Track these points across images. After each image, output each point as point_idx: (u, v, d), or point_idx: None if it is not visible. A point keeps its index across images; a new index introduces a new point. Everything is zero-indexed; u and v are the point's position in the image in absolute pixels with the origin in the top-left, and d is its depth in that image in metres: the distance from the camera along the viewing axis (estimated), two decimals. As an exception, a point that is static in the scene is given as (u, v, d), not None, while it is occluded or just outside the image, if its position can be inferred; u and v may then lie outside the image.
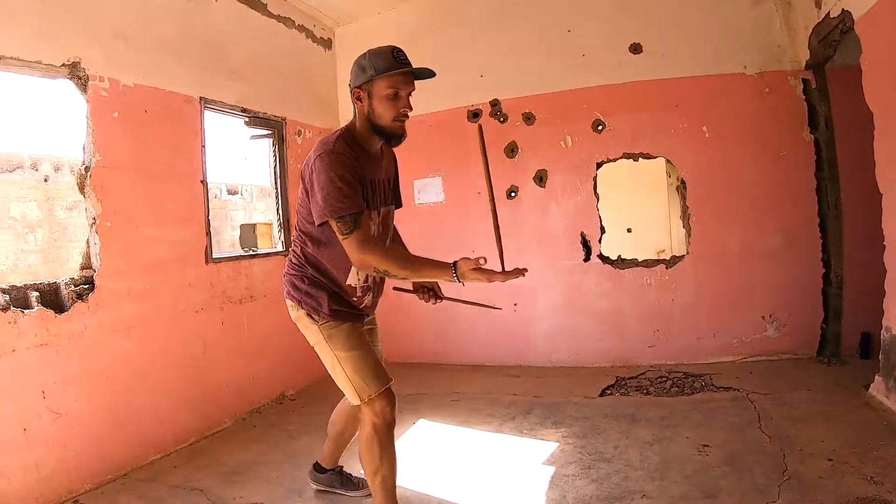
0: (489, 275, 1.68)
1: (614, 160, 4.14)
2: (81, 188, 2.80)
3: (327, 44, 4.92)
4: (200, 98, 3.46)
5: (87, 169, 2.79)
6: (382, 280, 2.08)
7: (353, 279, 1.96)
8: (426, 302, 2.14)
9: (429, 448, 3.00)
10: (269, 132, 4.27)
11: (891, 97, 2.79)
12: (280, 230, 4.33)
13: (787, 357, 3.80)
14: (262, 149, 4.41)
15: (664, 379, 3.69)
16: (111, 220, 2.85)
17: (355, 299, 2.00)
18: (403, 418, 3.35)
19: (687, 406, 3.17)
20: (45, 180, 8.05)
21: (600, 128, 4.14)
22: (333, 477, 2.51)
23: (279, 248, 4.30)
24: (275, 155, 4.32)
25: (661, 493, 2.28)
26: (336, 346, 1.95)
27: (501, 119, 4.42)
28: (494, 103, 4.44)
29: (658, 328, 4.03)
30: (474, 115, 4.51)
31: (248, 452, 3.07)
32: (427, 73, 1.85)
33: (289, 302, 2.05)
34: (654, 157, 4.08)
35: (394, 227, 2.22)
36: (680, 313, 3.99)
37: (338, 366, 1.96)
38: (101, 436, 2.75)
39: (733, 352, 3.88)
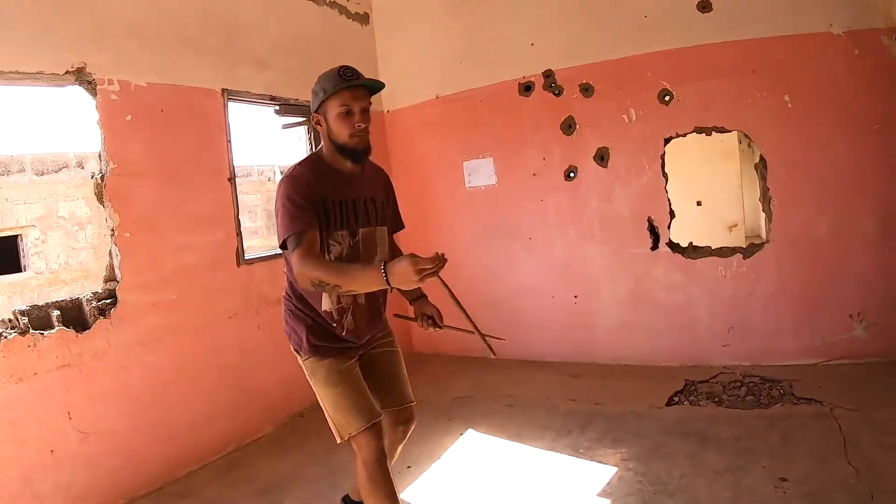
0: (416, 265, 1.48)
1: (683, 135, 3.64)
2: (99, 198, 2.66)
3: (363, 19, 4.58)
4: (223, 90, 3.24)
5: (102, 178, 2.63)
6: (372, 302, 1.95)
7: (326, 304, 1.87)
8: (425, 330, 2.07)
9: (475, 466, 2.76)
10: (303, 119, 4.02)
11: None
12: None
13: (875, 361, 3.26)
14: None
15: (738, 384, 3.27)
16: (130, 230, 2.71)
17: (335, 325, 1.88)
18: (452, 427, 3.18)
19: (764, 424, 2.76)
20: (92, 176, 8.38)
21: (667, 98, 3.63)
22: None
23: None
24: (310, 143, 4.09)
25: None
26: (317, 382, 1.91)
27: (556, 91, 3.97)
28: (548, 74, 3.99)
29: (733, 325, 3.56)
30: (526, 88, 4.08)
31: (285, 464, 2.94)
32: (375, 85, 1.86)
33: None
34: (729, 132, 3.55)
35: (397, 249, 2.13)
36: (758, 309, 3.50)
37: (321, 402, 1.93)
38: (132, 452, 2.69)
39: (816, 354, 3.38)
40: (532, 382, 3.78)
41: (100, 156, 2.66)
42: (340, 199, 1.84)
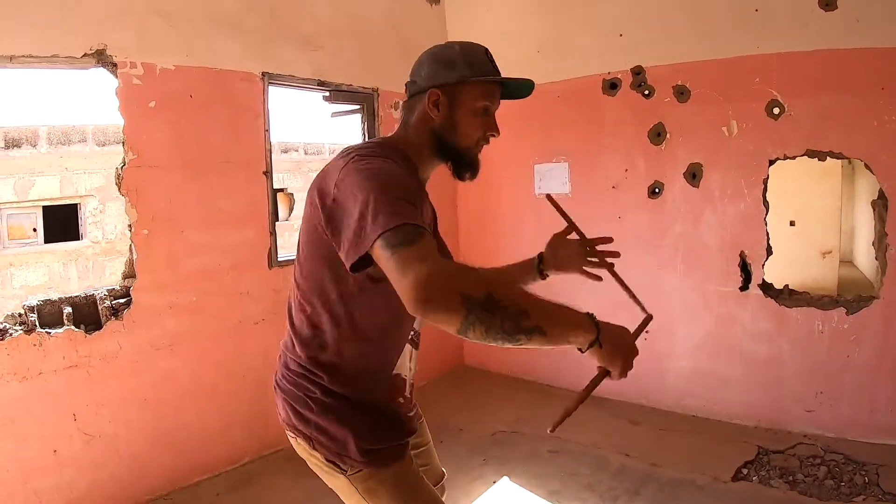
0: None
1: (792, 157, 3.04)
2: (119, 188, 2.47)
3: (434, -2, 4.17)
4: (263, 74, 2.95)
5: (122, 167, 2.44)
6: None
7: (403, 367, 1.32)
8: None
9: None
10: (357, 107, 3.70)
11: None
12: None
13: None
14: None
15: (818, 462, 2.77)
16: (148, 226, 2.52)
17: (402, 400, 1.32)
18: (485, 472, 2.85)
19: None
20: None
21: (776, 111, 3.03)
22: None
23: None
24: (364, 133, 3.76)
25: None
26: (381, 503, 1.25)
27: (646, 92, 3.43)
28: (637, 71, 3.45)
29: (823, 390, 3.00)
30: (611, 85, 3.56)
31: (298, 490, 2.68)
32: (528, 87, 1.32)
33: (290, 434, 1.31)
34: (848, 159, 2.93)
35: None
36: (855, 375, 2.94)
37: None
38: (139, 457, 2.58)
39: None
40: (587, 424, 3.29)
41: (122, 142, 2.46)
42: (431, 215, 1.35)
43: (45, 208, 8.78)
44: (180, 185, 2.63)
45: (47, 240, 8.83)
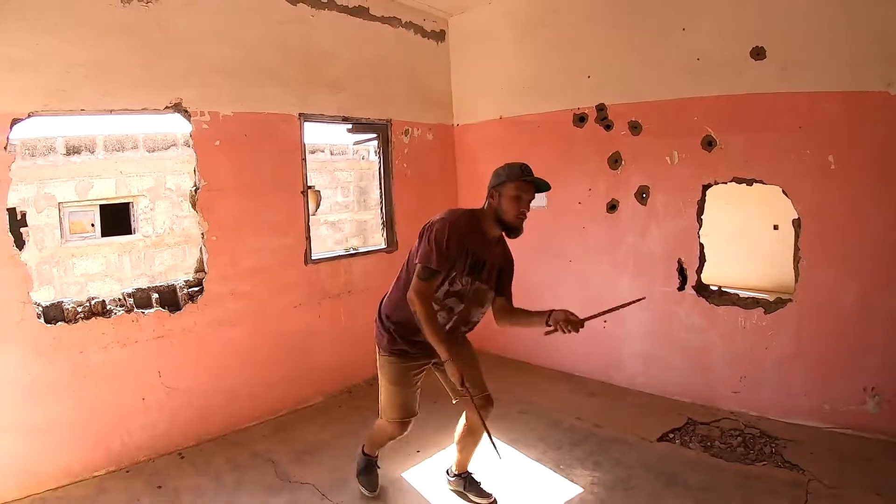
0: (459, 380, 2.26)
1: (724, 183, 3.70)
2: (193, 206, 3.33)
3: (440, 36, 4.95)
4: (300, 114, 3.80)
5: (196, 191, 3.30)
6: (464, 319, 2.51)
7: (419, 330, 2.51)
8: (565, 333, 2.38)
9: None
10: (374, 136, 4.51)
11: None
12: (383, 228, 4.63)
13: (883, 439, 3.21)
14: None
15: (736, 434, 3.40)
16: (217, 234, 3.39)
17: (416, 340, 2.47)
18: None
19: (737, 479, 2.91)
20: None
21: (711, 146, 3.70)
22: (463, 481, 2.87)
23: (382, 245, 4.63)
24: (380, 156, 4.57)
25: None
26: (382, 374, 2.57)
27: (607, 126, 4.15)
28: (601, 108, 4.17)
29: (746, 375, 3.66)
30: (580, 119, 4.29)
31: (325, 432, 3.56)
32: (544, 186, 2.39)
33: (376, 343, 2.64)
34: (768, 185, 3.55)
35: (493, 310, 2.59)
36: (773, 364, 3.57)
37: (380, 387, 2.63)
38: (205, 406, 3.42)
39: (823, 418, 3.41)
40: (552, 393, 4.14)
41: (195, 170, 3.32)
42: (478, 256, 2.36)
43: (101, 206, 9.76)
44: (239, 204, 3.50)
45: (104, 234, 9.85)
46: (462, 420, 2.75)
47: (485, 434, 2.44)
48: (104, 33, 2.96)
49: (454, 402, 2.59)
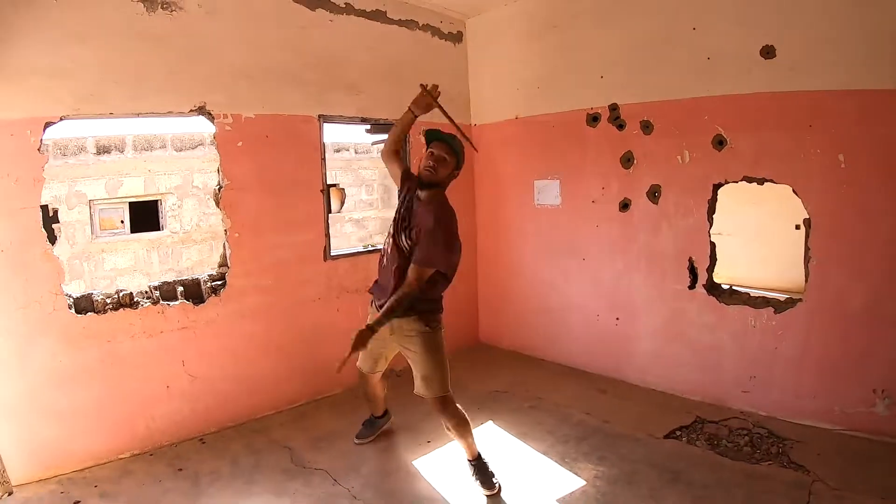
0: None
1: (735, 182, 3.72)
2: (217, 204, 3.49)
3: (457, 38, 5.03)
4: (319, 116, 3.93)
5: (219, 190, 3.45)
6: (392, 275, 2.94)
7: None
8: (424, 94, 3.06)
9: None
10: (391, 135, 4.62)
11: None
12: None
13: (892, 442, 3.19)
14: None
15: (744, 433, 3.41)
16: (239, 231, 3.54)
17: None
18: (477, 416, 3.60)
19: (740, 478, 2.93)
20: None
21: (721, 145, 3.72)
22: (472, 467, 2.96)
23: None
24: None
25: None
26: (439, 349, 2.96)
27: (619, 125, 4.19)
28: (613, 107, 4.22)
29: (755, 374, 3.68)
30: (593, 118, 4.34)
31: (340, 421, 3.68)
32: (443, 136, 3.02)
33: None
34: (778, 184, 3.56)
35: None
36: (782, 365, 3.58)
37: (433, 367, 2.97)
38: (227, 394, 3.58)
39: (832, 420, 3.40)
40: (562, 389, 4.20)
41: (218, 170, 3.48)
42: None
43: (130, 204, 10.11)
44: (261, 202, 3.65)
45: (133, 230, 10.21)
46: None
47: (465, 422, 2.88)
48: (132, 41, 3.12)
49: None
